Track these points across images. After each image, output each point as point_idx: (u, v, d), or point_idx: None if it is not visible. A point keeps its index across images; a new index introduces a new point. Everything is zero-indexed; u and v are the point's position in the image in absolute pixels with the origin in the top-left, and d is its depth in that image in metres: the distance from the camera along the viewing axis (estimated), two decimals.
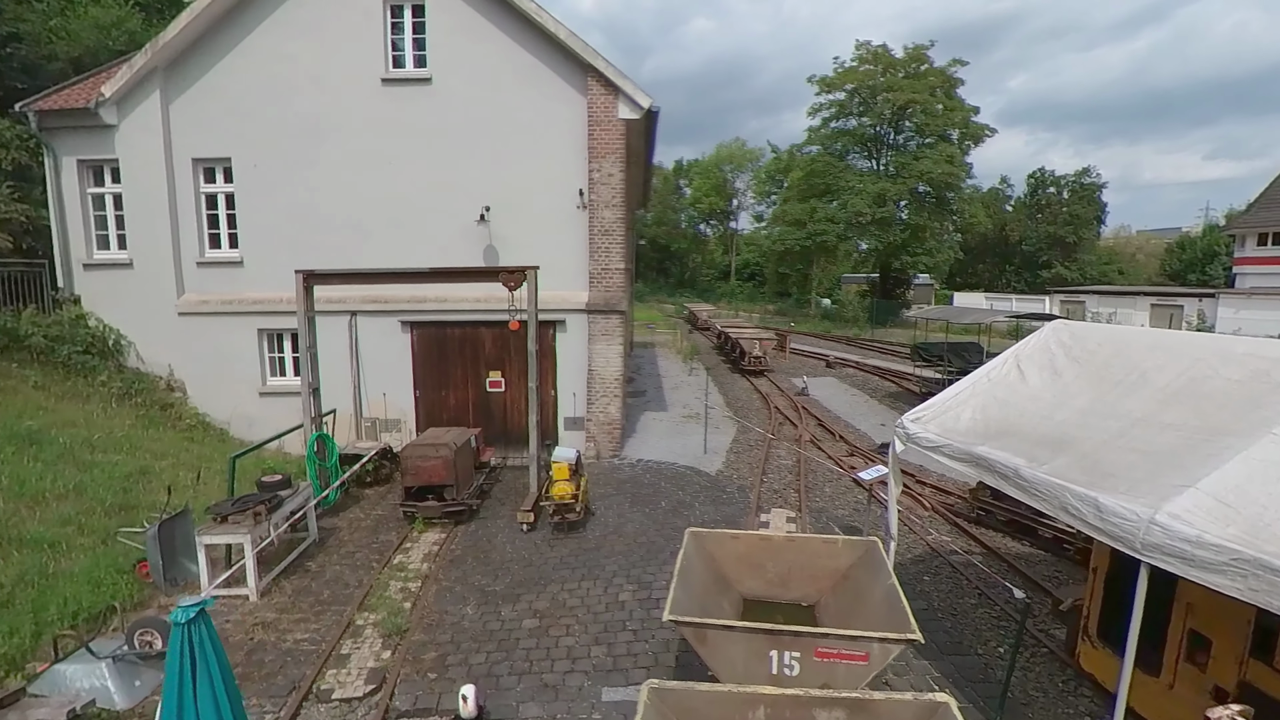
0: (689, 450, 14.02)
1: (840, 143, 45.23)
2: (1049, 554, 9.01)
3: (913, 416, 6.04)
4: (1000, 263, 66.53)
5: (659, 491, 11.35)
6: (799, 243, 43.39)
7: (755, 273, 75.60)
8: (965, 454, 5.28)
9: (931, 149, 41.24)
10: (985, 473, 5.08)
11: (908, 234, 41.48)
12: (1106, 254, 68.13)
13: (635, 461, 13.23)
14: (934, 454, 5.60)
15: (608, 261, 13.19)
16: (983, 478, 5.11)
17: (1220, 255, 53.59)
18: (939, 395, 6.21)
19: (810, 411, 17.83)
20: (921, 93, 39.83)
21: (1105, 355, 5.66)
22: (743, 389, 21.61)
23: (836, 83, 43.74)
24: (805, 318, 49.43)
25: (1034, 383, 5.85)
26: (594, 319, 13.26)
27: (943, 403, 6.11)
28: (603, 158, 12.98)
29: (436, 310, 13.35)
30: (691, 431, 15.62)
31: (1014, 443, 5.21)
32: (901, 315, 45.81)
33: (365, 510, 10.84)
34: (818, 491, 11.47)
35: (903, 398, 19.49)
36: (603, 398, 13.52)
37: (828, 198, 42.87)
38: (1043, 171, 68.50)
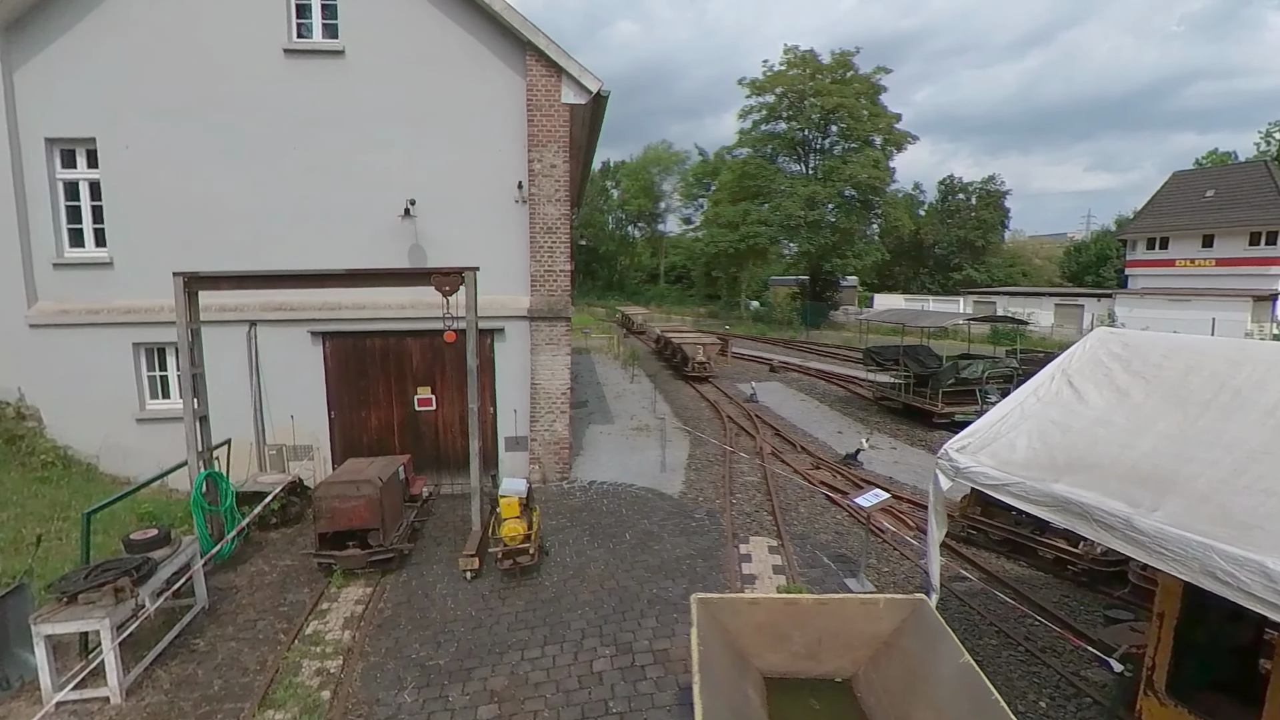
0: (645, 468, 12.82)
1: (770, 145, 45.36)
2: (1049, 575, 8.36)
3: (958, 445, 5.05)
4: (915, 265, 69.22)
5: (620, 521, 10.07)
6: (732, 245, 43.13)
7: (683, 275, 75.51)
8: (1042, 495, 4.30)
9: (858, 153, 41.91)
10: (1074, 519, 4.12)
11: (837, 237, 41.95)
12: (1010, 257, 72.07)
13: (588, 484, 11.89)
14: (996, 492, 4.62)
15: (551, 262, 11.81)
16: (1071, 525, 4.15)
17: (1113, 258, 57.38)
18: (983, 419, 5.25)
19: (764, 420, 17.01)
20: (848, 98, 40.39)
21: (1177, 369, 4.85)
22: (689, 396, 20.62)
23: (766, 85, 43.81)
24: (738, 320, 49.32)
25: (1096, 403, 4.98)
26: (537, 326, 11.84)
27: (989, 428, 5.16)
28: (544, 146, 11.60)
29: (354, 319, 11.56)
30: (643, 446, 14.42)
31: (1097, 479, 4.28)
32: (831, 317, 46.41)
33: (270, 560, 9.01)
34: (793, 512, 10.50)
35: (854, 403, 19.02)
36: (548, 414, 12.12)
37: (760, 200, 42.81)
38: (952, 178, 71.78)
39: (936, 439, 14.84)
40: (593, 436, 15.30)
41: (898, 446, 14.65)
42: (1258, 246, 41.40)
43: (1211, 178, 47.41)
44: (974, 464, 4.79)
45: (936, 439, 14.84)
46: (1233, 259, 42.21)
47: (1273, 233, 40.72)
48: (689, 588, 7.82)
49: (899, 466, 13.18)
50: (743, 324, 47.20)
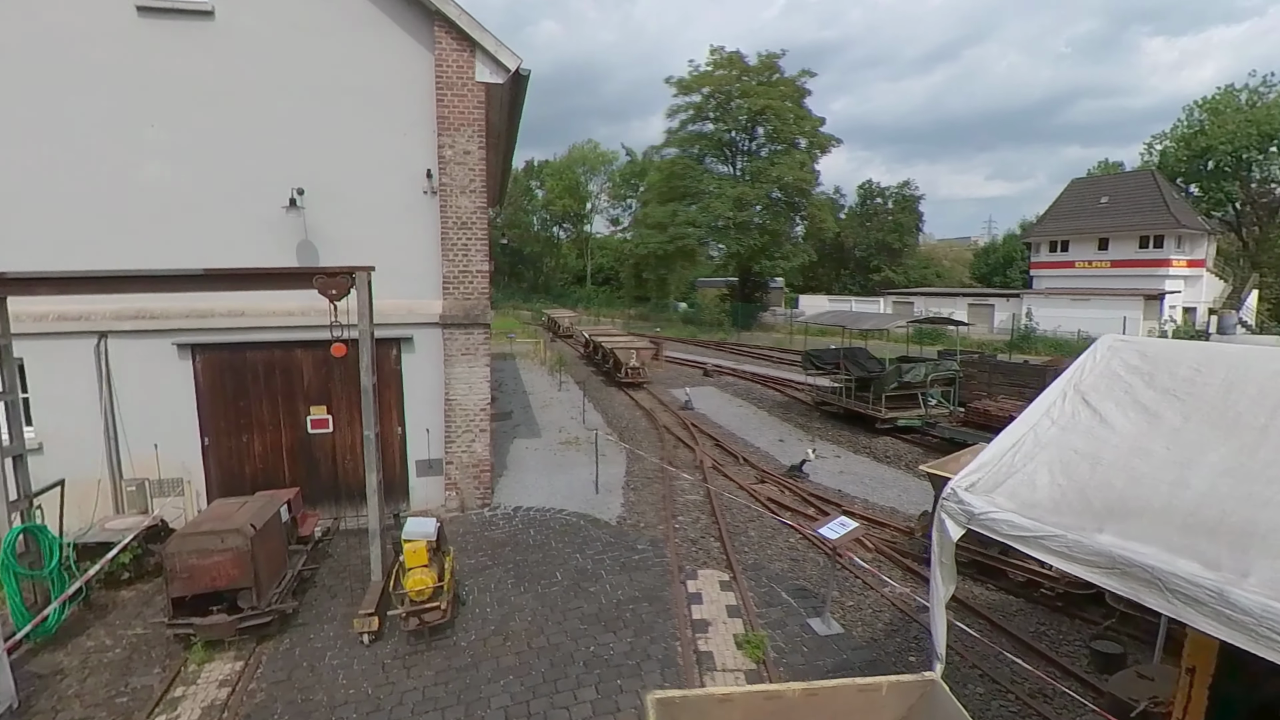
0: (576, 489, 11.58)
1: (698, 146, 44.94)
2: (1022, 599, 7.71)
3: (966, 482, 4.12)
4: (837, 267, 70.95)
5: (550, 556, 8.80)
6: (661, 246, 42.38)
7: (610, 277, 74.50)
8: (1091, 552, 3.40)
9: (785, 155, 42.05)
10: (1138, 587, 3.22)
11: (766, 238, 41.93)
12: (925, 259, 75.03)
13: (512, 511, 10.55)
14: (1025, 546, 3.69)
15: (467, 262, 10.41)
16: (1134, 593, 3.25)
17: (1018, 260, 60.42)
18: (990, 449, 4.35)
19: (702, 429, 16.09)
20: (774, 100, 40.42)
21: (1215, 386, 4.09)
22: (622, 405, 19.49)
23: (693, 85, 43.36)
24: (667, 322, 48.69)
25: (1124, 427, 4.16)
26: (451, 334, 10.41)
27: (998, 458, 4.26)
28: (456, 130, 10.21)
29: (231, 328, 9.80)
30: (574, 463, 13.18)
31: (1150, 528, 3.42)
32: (761, 318, 46.46)
33: (116, 629, 7.25)
34: (742, 537, 9.53)
35: (793, 408, 18.41)
36: (466, 433, 10.70)
37: (688, 201, 42.26)
38: (871, 183, 74.05)
39: (880, 445, 14.33)
40: (518, 453, 13.93)
41: (842, 455, 14.03)
42: (1147, 249, 44.29)
43: (1105, 185, 50.55)
44: (992, 508, 3.87)
45: (880, 445, 14.33)
46: (1126, 261, 45.00)
47: (1160, 236, 43.64)
48: (633, 642, 6.67)
49: (845, 477, 12.51)
50: (673, 326, 46.58)
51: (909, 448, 14.06)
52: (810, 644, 6.65)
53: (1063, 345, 32.83)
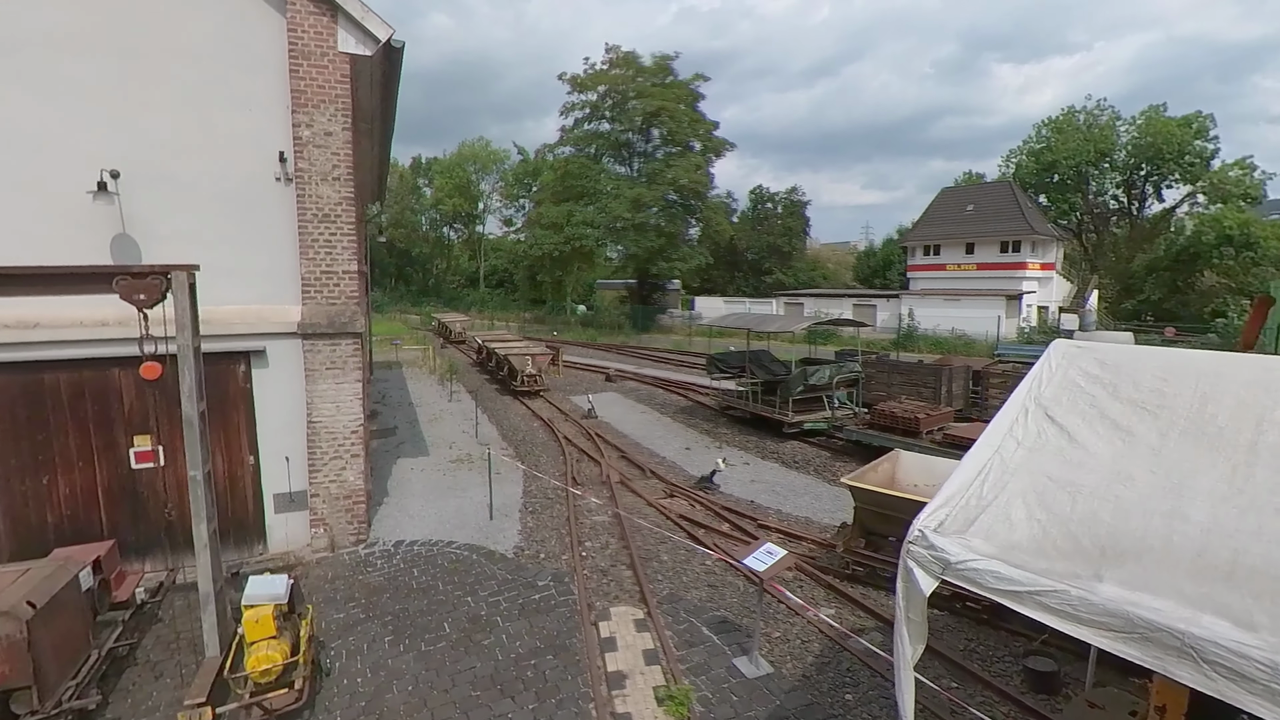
0: (468, 516, 10.34)
1: (594, 145, 44.10)
2: (947, 613, 7.38)
3: (933, 521, 3.45)
4: (730, 269, 72.62)
5: (437, 601, 7.58)
6: (557, 247, 41.14)
7: (505, 279, 72.23)
8: (1098, 611, 2.79)
9: (680, 158, 42.06)
10: (1165, 656, 2.63)
11: (663, 240, 41.74)
12: (812, 262, 78.35)
13: (393, 547, 9.17)
14: (1019, 604, 3.06)
15: (331, 261, 8.95)
16: (1161, 665, 2.66)
17: (896, 263, 64.20)
18: (954, 477, 3.73)
19: (606, 439, 15.20)
20: (670, 101, 40.31)
21: (1187, 397, 3.68)
22: (519, 415, 18.24)
23: (588, 84, 42.48)
24: (565, 325, 47.49)
25: (1096, 447, 3.66)
26: (314, 346, 8.90)
27: (965, 489, 3.64)
28: (315, 108, 8.75)
29: (19, 343, 7.81)
30: (466, 484, 11.89)
31: (1156, 575, 2.88)
32: (659, 321, 46.28)
33: None
34: (655, 562, 8.71)
35: (698, 413, 17.91)
36: (335, 459, 9.20)
37: (584, 201, 41.30)
38: (761, 188, 76.49)
39: (788, 450, 14.04)
40: (402, 475, 12.43)
41: (751, 461, 13.60)
42: (1007, 253, 48.11)
43: (970, 194, 54.61)
44: (970, 555, 3.21)
45: (788, 450, 14.04)
46: (990, 264, 48.69)
47: (1017, 241, 47.54)
48: (536, 709, 5.65)
49: (757, 486, 12.04)
50: (570, 329, 45.46)
51: (816, 451, 13.86)
52: (740, 690, 5.91)
53: (943, 343, 34.76)
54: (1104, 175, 56.85)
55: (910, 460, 8.77)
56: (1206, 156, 52.53)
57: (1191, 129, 52.38)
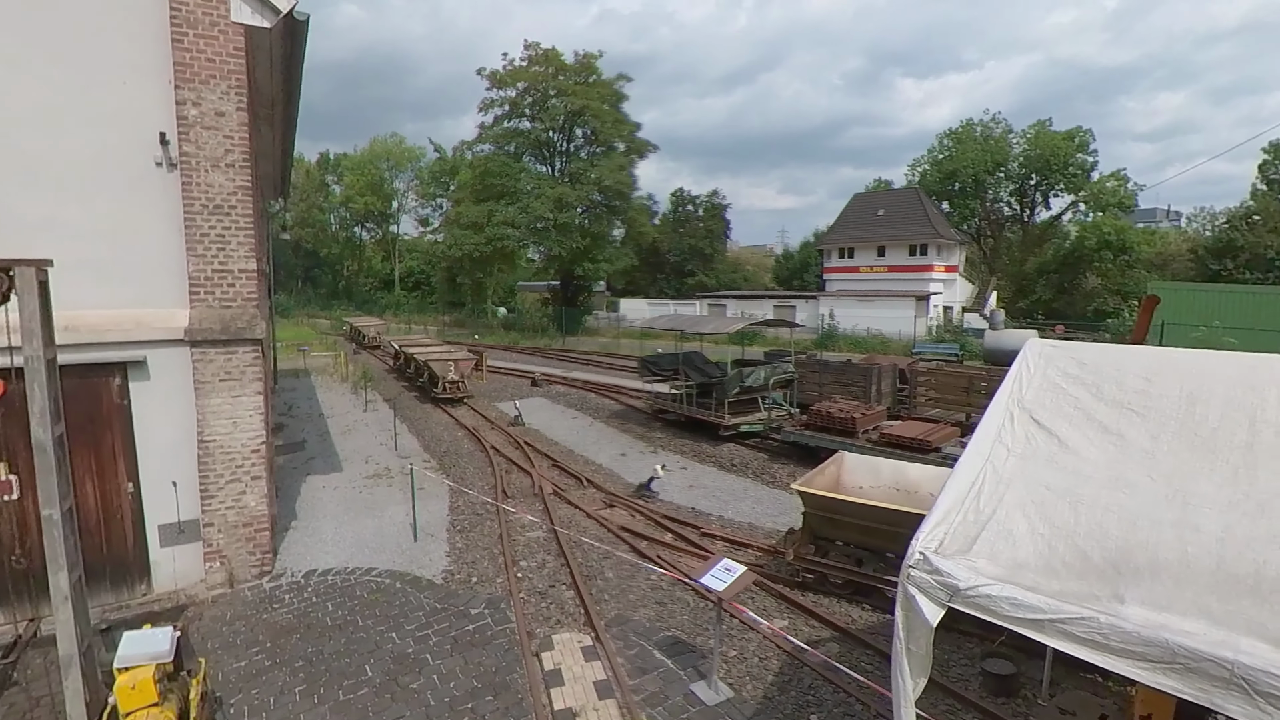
0: (389, 537, 9.46)
1: (515, 143, 42.90)
2: None
3: (933, 541, 3.13)
4: (654, 271, 72.94)
5: (356, 640, 6.75)
6: (477, 248, 39.70)
7: (422, 281, 69.53)
8: (1135, 640, 2.51)
9: (604, 158, 41.57)
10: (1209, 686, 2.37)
11: (588, 241, 41.10)
12: (733, 264, 79.82)
13: (303, 579, 8.20)
14: (1036, 631, 2.74)
15: (225, 258, 7.91)
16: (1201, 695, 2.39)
17: (813, 265, 66.30)
18: (948, 490, 3.42)
19: (536, 448, 14.50)
20: (593, 100, 39.75)
21: (1174, 397, 3.53)
22: (442, 425, 17.22)
23: (507, 80, 41.26)
24: (487, 329, 46.02)
25: (1089, 453, 3.45)
26: (205, 354, 7.83)
27: (960, 502, 3.34)
28: (204, 84, 7.71)
29: None
30: (386, 501, 10.95)
31: (1177, 591, 2.66)
32: (586, 323, 45.61)
33: None
34: (599, 580, 8.17)
35: (631, 417, 17.47)
36: (232, 483, 8.14)
37: (505, 200, 40.07)
38: (683, 191, 77.15)
39: (725, 453, 13.82)
40: (313, 495, 11.32)
41: (688, 466, 13.28)
42: (915, 256, 50.52)
43: (881, 200, 57.05)
44: (982, 580, 2.90)
45: (725, 453, 13.82)
46: (900, 266, 50.98)
47: (924, 245, 50.00)
48: None
49: (696, 492, 11.71)
50: (493, 333, 44.10)
51: (753, 453, 13.71)
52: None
53: (861, 342, 35.90)
54: (999, 184, 60.85)
55: (855, 462, 8.65)
56: (1087, 168, 57.15)
57: (1074, 143, 56.85)
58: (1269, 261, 43.89)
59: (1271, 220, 46.72)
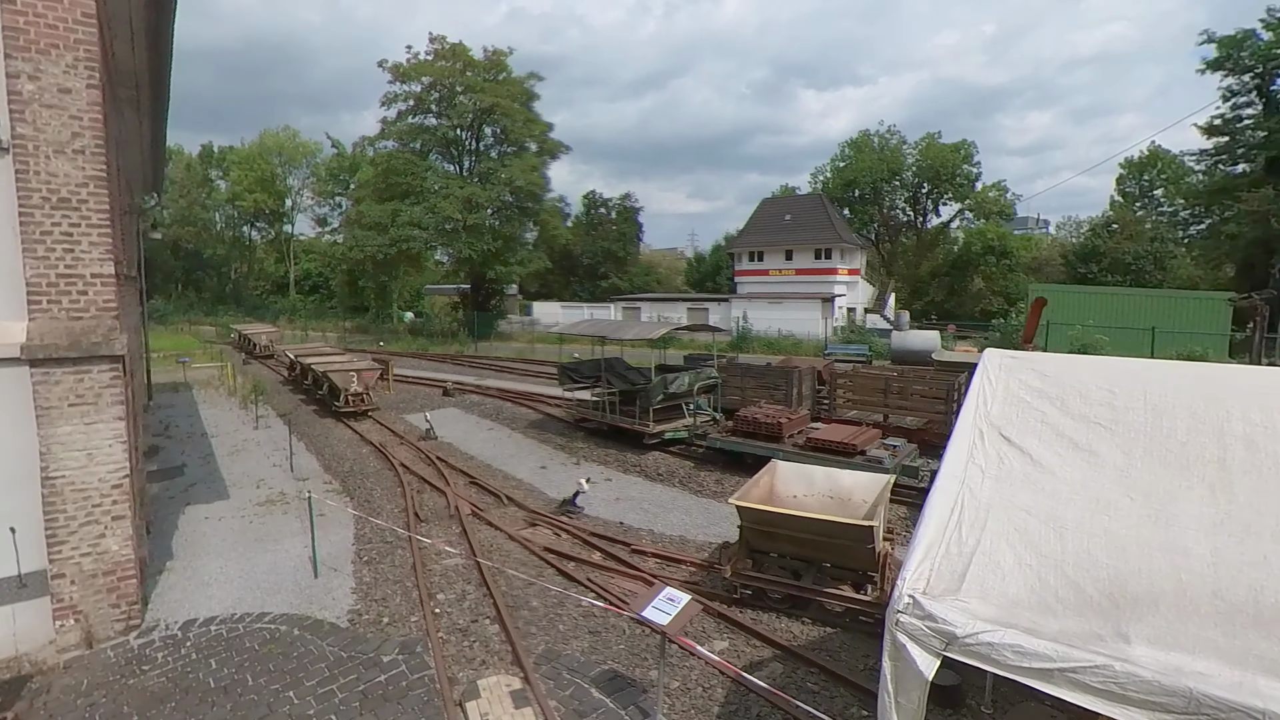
0: (286, 575, 8.44)
1: (420, 140, 40.96)
2: (839, 630, 7.07)
3: (919, 583, 2.84)
4: (567, 274, 72.20)
5: (245, 705, 5.83)
6: (380, 249, 37.55)
7: (320, 284, 65.48)
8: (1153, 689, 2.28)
9: (516, 158, 40.45)
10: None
11: (500, 243, 39.81)
12: (646, 267, 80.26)
13: (180, 631, 7.11)
14: (1044, 681, 2.47)
15: (74, 261, 6.73)
16: None
17: (724, 268, 67.57)
18: (926, 520, 3.15)
19: (451, 463, 13.60)
20: (503, 98, 38.55)
21: (1140, 410, 3.44)
22: (345, 441, 15.91)
23: (412, 73, 39.31)
24: (393, 335, 43.72)
25: (1063, 471, 3.29)
26: (48, 375, 6.63)
27: (942, 532, 3.08)
28: (43, 55, 6.56)
29: None
30: (281, 532, 9.85)
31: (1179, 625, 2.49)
32: (499, 328, 44.23)
33: None
34: (524, 611, 7.56)
35: (550, 427, 16.80)
36: (89, 524, 6.95)
37: (411, 200, 38.16)
38: (595, 193, 76.84)
39: (650, 462, 13.46)
40: (193, 528, 10.02)
41: (613, 477, 12.82)
42: (821, 259, 52.45)
43: (788, 205, 58.92)
44: (980, 624, 2.62)
45: (650, 462, 13.46)
46: (807, 269, 52.79)
47: (829, 249, 51.99)
48: None
49: (623, 505, 11.28)
50: (400, 339, 41.94)
51: (679, 461, 13.44)
52: None
53: (774, 344, 36.70)
54: (895, 191, 64.39)
55: (788, 470, 8.49)
56: (972, 179, 61.47)
57: (960, 154, 60.97)
58: (1127, 265, 48.66)
59: (1128, 228, 51.94)
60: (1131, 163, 57.23)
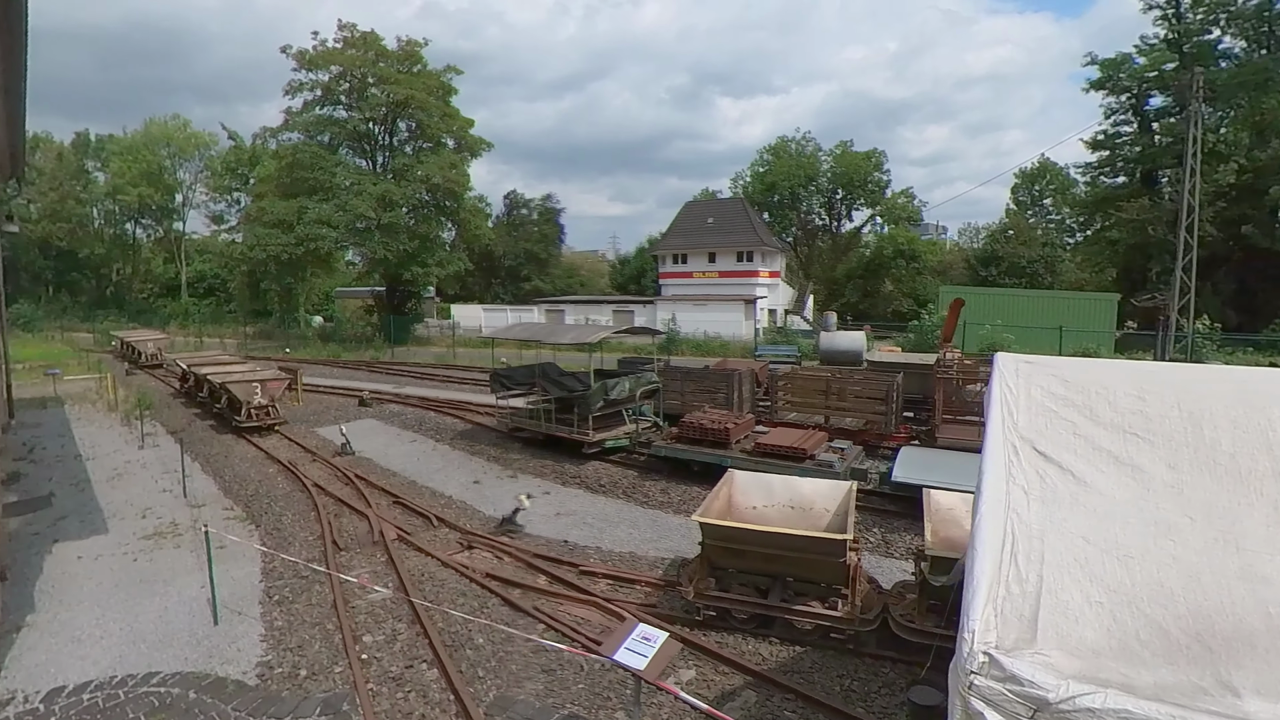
0: (179, 624, 7.26)
1: (329, 133, 38.45)
2: (810, 648, 6.70)
3: (990, 635, 2.40)
4: (488, 276, 70.30)
5: None
6: (285, 249, 34.89)
7: (217, 287, 60.68)
8: None
9: (434, 154, 38.64)
10: None
11: (417, 243, 37.88)
12: (569, 269, 79.32)
13: (42, 705, 5.88)
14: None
15: None
16: None
17: (649, 271, 67.62)
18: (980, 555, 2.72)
19: (372, 482, 12.45)
20: (419, 91, 36.71)
21: (1177, 419, 3.16)
22: (248, 460, 14.36)
23: (319, 61, 36.81)
24: (301, 341, 40.85)
25: (1108, 489, 2.95)
26: None
27: (999, 569, 2.66)
28: None
29: None
30: (173, 571, 8.57)
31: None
32: (417, 332, 42.18)
33: None
34: (467, 651, 6.76)
35: (480, 437, 15.79)
36: None
37: (319, 196, 35.71)
38: (516, 193, 75.23)
39: (591, 473, 12.79)
40: (61, 571, 8.56)
41: (552, 490, 12.08)
42: (742, 262, 53.32)
43: (710, 208, 59.61)
44: (1077, 688, 2.18)
45: (591, 473, 12.79)
46: (729, 271, 53.52)
47: (750, 252, 52.95)
48: None
49: (566, 520, 10.59)
50: (309, 345, 39.22)
51: (621, 471, 12.84)
52: None
53: (703, 346, 36.73)
54: (811, 196, 66.47)
55: (745, 480, 8.08)
56: (882, 185, 64.30)
57: (871, 162, 63.65)
58: (1022, 269, 52.13)
59: (1022, 234, 55.71)
60: (1024, 173, 61.43)
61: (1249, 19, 39.13)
